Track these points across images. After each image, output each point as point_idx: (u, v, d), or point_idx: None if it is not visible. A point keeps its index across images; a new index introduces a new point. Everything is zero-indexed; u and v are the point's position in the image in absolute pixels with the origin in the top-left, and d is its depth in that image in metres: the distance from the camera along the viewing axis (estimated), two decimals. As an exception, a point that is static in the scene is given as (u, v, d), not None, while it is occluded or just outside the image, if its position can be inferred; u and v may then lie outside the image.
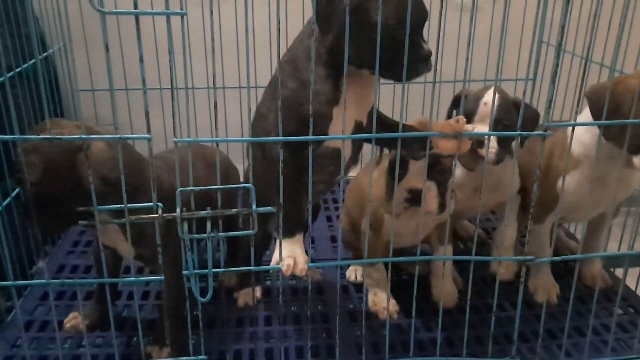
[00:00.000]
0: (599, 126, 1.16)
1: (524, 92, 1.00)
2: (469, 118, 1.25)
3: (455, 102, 1.36)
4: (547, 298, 1.40)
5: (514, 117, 1.23)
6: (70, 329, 1.28)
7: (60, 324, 1.29)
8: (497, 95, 1.22)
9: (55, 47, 1.79)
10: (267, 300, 1.43)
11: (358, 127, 1.11)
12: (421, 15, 1.01)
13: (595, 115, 1.18)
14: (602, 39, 1.43)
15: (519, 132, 0.98)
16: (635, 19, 1.38)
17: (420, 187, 1.12)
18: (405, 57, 0.91)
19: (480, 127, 1.22)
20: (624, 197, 1.40)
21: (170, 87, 0.83)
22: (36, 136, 0.93)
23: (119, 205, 0.89)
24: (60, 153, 0.94)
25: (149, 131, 0.85)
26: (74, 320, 1.29)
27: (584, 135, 1.28)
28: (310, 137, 0.94)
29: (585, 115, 1.27)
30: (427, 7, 1.02)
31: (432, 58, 0.96)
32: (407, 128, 1.10)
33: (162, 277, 0.95)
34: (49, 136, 0.90)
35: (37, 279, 1.45)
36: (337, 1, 0.97)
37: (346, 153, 1.15)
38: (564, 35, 0.89)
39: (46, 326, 1.32)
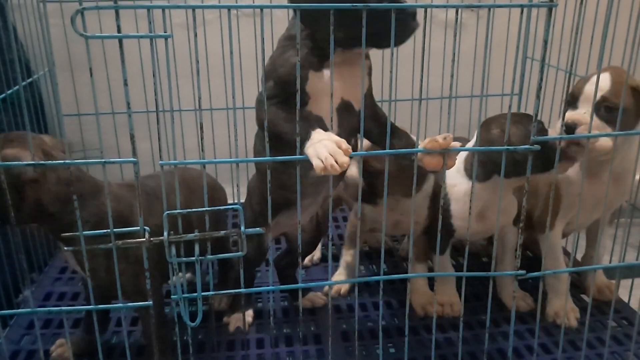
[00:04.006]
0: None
1: (510, 107, 1.01)
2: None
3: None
4: (567, 323, 1.35)
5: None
6: (58, 358, 1.24)
7: (47, 353, 1.26)
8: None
9: (40, 73, 1.78)
10: (259, 322, 1.41)
11: (346, 107, 1.09)
12: None
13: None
14: (585, 52, 1.45)
15: (505, 147, 0.97)
16: (617, 31, 1.40)
17: None
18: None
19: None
20: (618, 197, 1.37)
21: (155, 109, 0.83)
22: (20, 162, 0.92)
23: (104, 231, 0.88)
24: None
25: (134, 155, 0.84)
26: (60, 348, 1.26)
27: None
28: (298, 156, 0.93)
29: None
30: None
31: (418, 76, 0.96)
32: (397, 134, 1.10)
33: (150, 302, 0.93)
34: (32, 162, 0.89)
35: (23, 308, 1.42)
36: None
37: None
38: (548, 49, 0.90)
39: (33, 356, 1.28)
